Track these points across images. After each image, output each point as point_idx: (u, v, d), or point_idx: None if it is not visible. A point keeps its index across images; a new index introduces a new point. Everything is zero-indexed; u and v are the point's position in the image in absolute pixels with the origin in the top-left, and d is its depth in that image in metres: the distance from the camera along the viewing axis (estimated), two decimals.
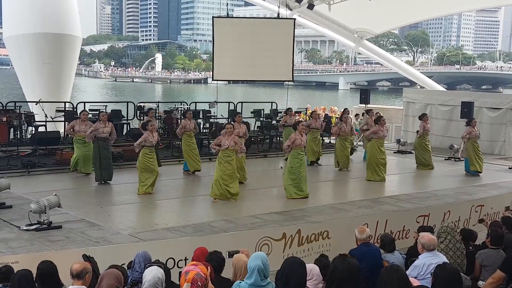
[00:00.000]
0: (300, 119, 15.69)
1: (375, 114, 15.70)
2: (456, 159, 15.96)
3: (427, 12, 24.55)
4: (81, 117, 12.05)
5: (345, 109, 16.06)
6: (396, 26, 39.04)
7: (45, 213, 7.74)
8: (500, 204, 10.62)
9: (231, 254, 4.96)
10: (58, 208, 8.13)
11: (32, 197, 9.11)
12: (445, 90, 30.32)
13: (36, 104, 14.92)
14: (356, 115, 21.70)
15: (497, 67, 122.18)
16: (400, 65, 28.38)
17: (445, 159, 16.03)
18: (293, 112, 16.04)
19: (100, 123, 11.52)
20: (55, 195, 8.01)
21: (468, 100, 17.41)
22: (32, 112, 15.69)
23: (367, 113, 16.17)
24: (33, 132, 14.83)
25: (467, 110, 16.71)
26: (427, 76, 29.79)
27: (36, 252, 6.55)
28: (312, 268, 5.04)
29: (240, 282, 4.34)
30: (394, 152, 17.21)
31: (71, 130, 12.07)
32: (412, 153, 15.62)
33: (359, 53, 69.71)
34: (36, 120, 14.99)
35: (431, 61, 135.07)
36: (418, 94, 21.07)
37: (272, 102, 19.16)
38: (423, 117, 14.97)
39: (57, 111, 15.58)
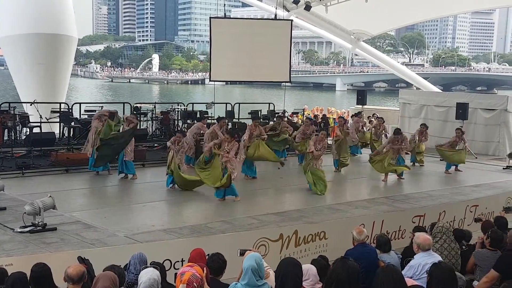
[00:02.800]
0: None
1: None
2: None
3: (423, 14, 24.63)
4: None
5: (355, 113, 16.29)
6: (393, 28, 39.10)
7: (40, 215, 7.68)
8: (495, 204, 10.67)
9: (242, 253, 4.94)
10: (53, 210, 8.07)
11: (26, 198, 9.05)
12: (441, 91, 30.42)
13: (30, 105, 14.83)
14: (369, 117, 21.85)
15: (489, 68, 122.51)
16: (396, 67, 28.43)
17: (440, 160, 16.03)
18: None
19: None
20: (50, 196, 7.94)
21: (463, 101, 17.48)
22: (27, 113, 15.60)
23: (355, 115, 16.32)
24: (28, 133, 14.76)
25: (462, 111, 16.79)
26: (423, 78, 29.89)
27: (30, 254, 6.52)
28: (309, 269, 5.01)
29: (236, 284, 4.32)
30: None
31: None
32: None
33: (356, 55, 69.81)
34: (30, 121, 14.92)
35: (426, 62, 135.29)
36: (414, 95, 21.14)
37: (269, 103, 19.15)
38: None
39: (52, 112, 15.51)
